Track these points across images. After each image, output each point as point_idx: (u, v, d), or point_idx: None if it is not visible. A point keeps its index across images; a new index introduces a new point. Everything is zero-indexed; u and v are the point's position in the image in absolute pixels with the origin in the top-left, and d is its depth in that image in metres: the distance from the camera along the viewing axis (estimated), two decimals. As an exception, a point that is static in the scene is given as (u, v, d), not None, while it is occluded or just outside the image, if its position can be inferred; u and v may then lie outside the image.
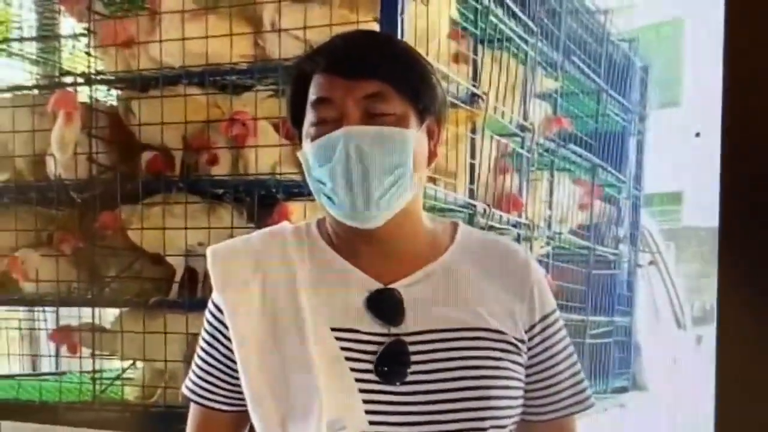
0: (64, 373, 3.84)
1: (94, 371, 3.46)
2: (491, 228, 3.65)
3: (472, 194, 3.56)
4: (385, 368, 1.59)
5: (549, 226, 4.31)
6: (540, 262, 4.25)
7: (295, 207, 3.09)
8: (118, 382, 3.48)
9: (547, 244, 4.27)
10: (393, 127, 1.57)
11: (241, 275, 1.68)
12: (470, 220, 3.52)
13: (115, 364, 3.70)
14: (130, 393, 3.44)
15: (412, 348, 1.60)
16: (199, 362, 1.76)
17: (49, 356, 3.74)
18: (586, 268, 4.77)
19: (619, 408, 5.14)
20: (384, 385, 1.59)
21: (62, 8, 3.77)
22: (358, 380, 1.59)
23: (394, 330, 1.61)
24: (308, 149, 1.61)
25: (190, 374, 1.78)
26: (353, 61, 1.60)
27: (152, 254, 3.43)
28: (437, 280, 1.66)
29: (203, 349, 1.75)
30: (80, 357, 3.49)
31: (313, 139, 1.59)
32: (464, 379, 1.59)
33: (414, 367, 1.59)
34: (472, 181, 3.57)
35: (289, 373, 1.61)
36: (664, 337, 6.15)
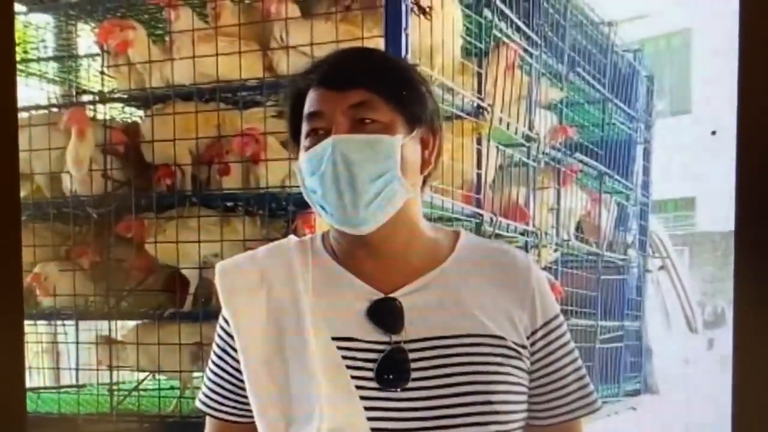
0: (83, 386, 3.91)
1: (112, 383, 3.54)
2: (498, 236, 3.71)
3: (478, 204, 3.63)
4: (386, 376, 1.61)
5: (557, 233, 4.38)
6: (549, 269, 4.35)
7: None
8: (135, 394, 3.55)
9: (555, 251, 4.34)
10: (378, 134, 1.62)
11: (246, 288, 1.71)
12: (477, 230, 3.59)
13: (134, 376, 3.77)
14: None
15: (412, 355, 1.62)
16: (210, 375, 1.79)
17: (69, 369, 3.81)
18: (595, 273, 4.83)
19: (630, 411, 5.19)
20: (385, 392, 1.61)
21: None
22: (359, 387, 1.61)
23: (394, 338, 1.63)
24: (301, 160, 1.67)
25: (203, 387, 1.82)
26: (340, 74, 1.65)
27: (167, 267, 3.51)
28: (437, 288, 1.67)
29: (213, 362, 1.79)
30: (98, 369, 3.57)
31: (306, 150, 1.66)
32: (465, 384, 1.61)
33: (415, 374, 1.61)
34: (478, 191, 3.64)
35: (292, 382, 1.65)
36: (676, 340, 6.19)
